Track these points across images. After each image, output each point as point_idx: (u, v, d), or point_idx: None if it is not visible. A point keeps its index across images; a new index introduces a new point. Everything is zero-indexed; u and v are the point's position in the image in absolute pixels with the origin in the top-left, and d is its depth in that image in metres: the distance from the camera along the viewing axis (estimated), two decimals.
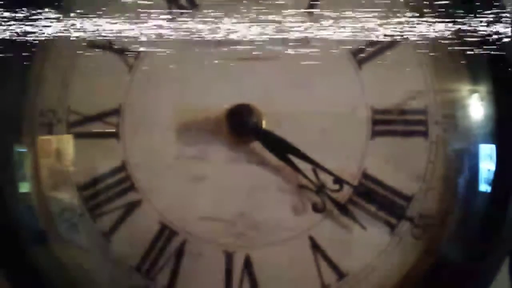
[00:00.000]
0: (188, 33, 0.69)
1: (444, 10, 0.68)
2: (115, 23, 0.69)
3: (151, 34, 0.69)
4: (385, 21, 0.69)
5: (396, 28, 0.69)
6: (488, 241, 0.65)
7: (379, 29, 0.69)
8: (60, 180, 0.72)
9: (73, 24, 0.69)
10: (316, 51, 0.68)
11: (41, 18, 0.67)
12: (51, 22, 0.68)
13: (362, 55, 0.70)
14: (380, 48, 0.70)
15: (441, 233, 0.70)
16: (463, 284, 0.66)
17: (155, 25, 0.69)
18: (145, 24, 0.69)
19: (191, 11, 0.71)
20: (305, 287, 0.70)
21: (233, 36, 0.69)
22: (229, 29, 0.68)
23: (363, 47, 0.70)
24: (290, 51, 0.69)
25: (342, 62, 0.70)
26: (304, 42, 0.69)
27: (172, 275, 0.70)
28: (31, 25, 0.67)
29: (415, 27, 0.69)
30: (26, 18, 0.67)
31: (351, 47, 0.70)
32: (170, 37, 0.69)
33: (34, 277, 0.67)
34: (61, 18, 0.69)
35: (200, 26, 0.69)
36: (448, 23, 0.67)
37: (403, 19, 0.69)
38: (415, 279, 0.69)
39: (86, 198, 0.71)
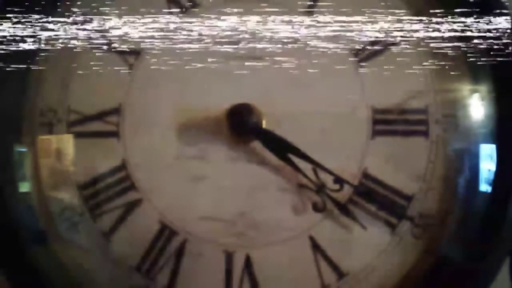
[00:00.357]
0: (188, 33, 0.69)
1: (444, 10, 0.68)
2: (115, 22, 0.69)
3: (151, 33, 0.69)
4: (385, 20, 0.69)
5: (396, 28, 0.69)
6: (488, 241, 0.65)
7: (379, 29, 0.69)
8: (60, 179, 0.72)
9: (73, 24, 0.69)
10: (316, 51, 0.68)
11: (41, 19, 0.67)
12: (51, 22, 0.68)
13: (362, 55, 0.70)
14: (380, 48, 0.70)
15: (441, 233, 0.70)
16: (463, 284, 0.66)
17: (155, 25, 0.69)
18: (145, 24, 0.69)
19: (191, 10, 0.71)
20: (305, 287, 0.70)
21: (233, 36, 0.68)
22: (229, 29, 0.68)
23: (363, 47, 0.70)
24: (290, 51, 0.68)
25: (342, 62, 0.70)
26: (304, 42, 0.69)
27: (172, 275, 0.70)
28: (31, 25, 0.67)
29: (415, 27, 0.69)
30: (26, 19, 0.67)
31: (351, 47, 0.70)
32: (170, 36, 0.69)
33: (34, 277, 0.67)
34: (61, 18, 0.69)
35: (201, 26, 0.69)
36: (448, 23, 0.67)
37: (403, 19, 0.69)
38: (415, 279, 0.69)
39: (86, 198, 0.71)
